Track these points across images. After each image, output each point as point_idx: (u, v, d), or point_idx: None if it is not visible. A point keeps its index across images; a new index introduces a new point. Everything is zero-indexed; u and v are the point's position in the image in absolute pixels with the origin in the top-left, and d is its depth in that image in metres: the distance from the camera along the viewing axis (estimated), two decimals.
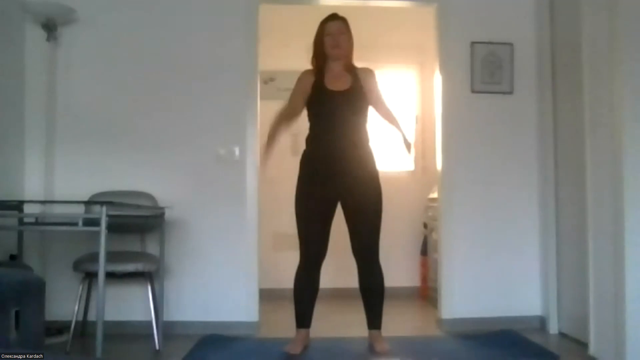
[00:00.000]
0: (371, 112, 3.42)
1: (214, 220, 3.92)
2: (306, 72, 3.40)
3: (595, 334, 3.21)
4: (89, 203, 3.44)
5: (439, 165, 4.13)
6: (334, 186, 3.27)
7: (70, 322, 3.39)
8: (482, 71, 4.09)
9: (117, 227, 3.01)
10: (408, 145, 3.36)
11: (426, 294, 5.15)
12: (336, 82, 3.32)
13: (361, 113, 3.34)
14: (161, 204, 3.75)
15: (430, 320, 4.26)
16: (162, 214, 3.56)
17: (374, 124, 3.46)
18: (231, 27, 4.01)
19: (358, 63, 3.45)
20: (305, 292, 3.33)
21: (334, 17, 3.36)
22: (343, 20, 3.36)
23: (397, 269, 5.13)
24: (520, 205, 4.08)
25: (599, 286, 3.18)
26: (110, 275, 3.22)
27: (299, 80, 3.40)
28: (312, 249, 3.29)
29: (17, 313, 2.25)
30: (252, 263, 3.92)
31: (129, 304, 3.80)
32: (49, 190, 3.84)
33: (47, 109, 3.88)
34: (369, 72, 3.41)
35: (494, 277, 4.01)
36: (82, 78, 3.95)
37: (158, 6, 4.02)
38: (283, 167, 3.62)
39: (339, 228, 3.36)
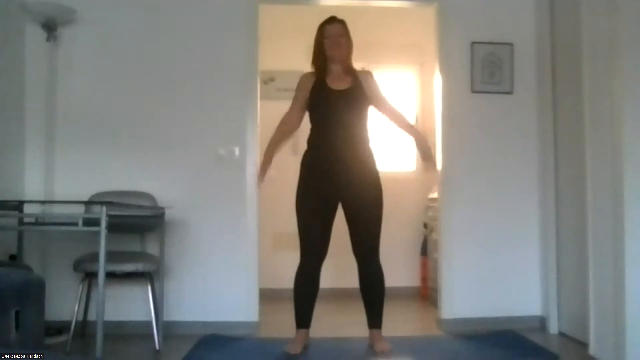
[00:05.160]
0: (373, 113, 3.42)
1: (214, 220, 3.92)
2: (306, 74, 3.41)
3: (595, 334, 3.21)
4: (89, 203, 3.44)
5: (439, 165, 4.13)
6: (334, 186, 3.27)
7: (70, 322, 3.39)
8: (482, 71, 4.09)
9: (117, 227, 3.00)
10: (428, 152, 3.39)
11: (426, 294, 5.15)
12: (337, 82, 3.33)
13: (362, 112, 3.34)
14: (161, 204, 3.75)
15: (430, 320, 4.26)
16: (162, 214, 3.56)
17: (374, 124, 3.46)
18: (231, 27, 4.02)
19: (358, 63, 3.46)
20: (306, 292, 3.33)
21: (332, 20, 3.37)
22: (342, 22, 3.37)
23: (397, 269, 5.12)
24: (521, 205, 4.08)
25: (599, 286, 3.18)
26: (110, 275, 3.22)
27: (299, 84, 3.41)
28: (313, 249, 3.29)
29: (17, 313, 2.25)
30: (252, 263, 3.92)
31: (129, 304, 3.80)
32: (49, 190, 3.84)
33: (47, 109, 3.88)
34: (367, 73, 3.44)
35: (494, 277, 4.01)
36: (82, 78, 3.95)
37: (158, 6, 4.02)
38: (283, 167, 3.62)
39: (339, 228, 3.36)
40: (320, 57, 3.35)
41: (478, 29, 4.11)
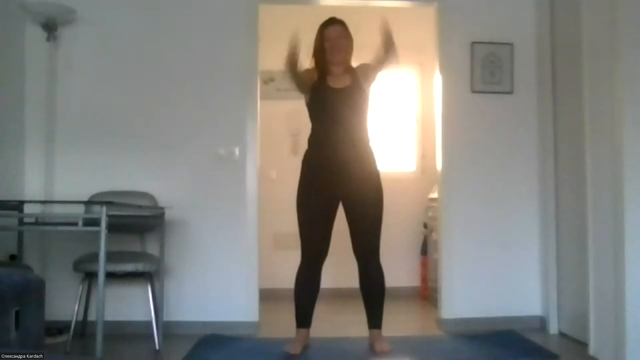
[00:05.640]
0: (372, 113, 3.42)
1: (214, 220, 3.92)
2: (309, 69, 3.39)
3: (595, 334, 3.21)
4: (89, 203, 3.44)
5: (439, 165, 4.13)
6: (335, 186, 3.27)
7: (70, 322, 3.39)
8: (482, 71, 4.09)
9: (117, 227, 3.00)
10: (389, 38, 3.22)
11: (426, 294, 5.15)
12: (337, 81, 3.33)
13: (361, 111, 3.34)
14: (161, 204, 3.75)
15: (430, 320, 4.26)
16: (162, 214, 3.56)
17: (373, 124, 3.46)
18: (231, 27, 4.02)
19: (356, 62, 3.45)
20: (306, 292, 3.34)
21: (332, 22, 3.36)
22: (342, 24, 3.37)
23: (397, 269, 5.12)
24: (521, 206, 4.08)
25: (599, 286, 3.18)
26: (110, 275, 3.22)
27: (305, 71, 3.34)
28: (314, 249, 3.29)
29: (17, 313, 2.25)
30: (252, 263, 3.92)
31: (129, 304, 3.80)
32: (49, 190, 3.85)
33: (47, 109, 3.88)
34: (362, 65, 3.41)
35: (494, 277, 4.01)
36: (82, 78, 3.95)
37: (158, 6, 4.02)
38: (283, 167, 3.62)
39: (339, 228, 3.36)
40: (321, 59, 3.35)
41: (478, 29, 4.11)
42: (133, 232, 3.77)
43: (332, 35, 3.33)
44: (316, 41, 3.36)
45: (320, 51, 3.34)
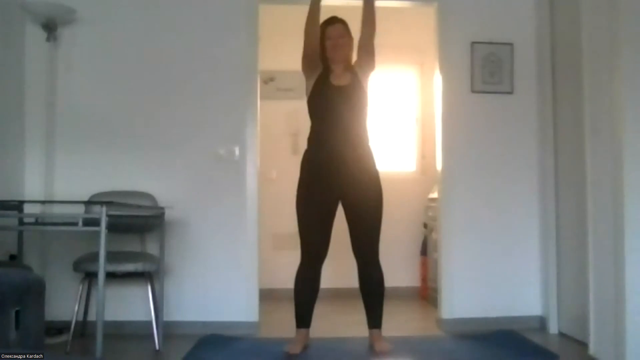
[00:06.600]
0: (372, 112, 3.42)
1: (214, 220, 3.92)
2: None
3: (595, 334, 3.21)
4: (89, 203, 3.44)
5: (439, 165, 4.13)
6: (334, 186, 3.27)
7: (70, 322, 3.39)
8: (482, 71, 4.09)
9: (117, 227, 3.01)
10: None
11: (426, 294, 5.14)
12: (338, 79, 3.34)
13: (361, 110, 3.34)
14: (161, 204, 3.75)
15: (430, 320, 4.26)
16: (162, 214, 3.56)
17: (374, 124, 3.46)
18: (231, 27, 4.02)
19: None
20: (306, 292, 3.33)
21: (333, 21, 3.38)
22: (342, 22, 3.38)
23: (397, 269, 5.13)
24: (521, 205, 4.08)
25: (599, 286, 3.18)
26: (110, 275, 3.23)
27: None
28: (313, 249, 3.29)
29: (17, 313, 2.25)
30: (252, 263, 3.92)
31: (129, 304, 3.80)
32: (49, 190, 3.85)
33: (47, 109, 3.88)
34: (357, 60, 3.41)
35: (494, 277, 4.01)
36: (82, 78, 3.95)
37: (158, 6, 4.02)
38: (283, 167, 3.61)
39: (339, 228, 3.36)
40: (322, 57, 3.35)
41: (478, 29, 4.11)
42: (133, 232, 3.77)
43: (334, 34, 3.34)
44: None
45: (321, 49, 3.35)
